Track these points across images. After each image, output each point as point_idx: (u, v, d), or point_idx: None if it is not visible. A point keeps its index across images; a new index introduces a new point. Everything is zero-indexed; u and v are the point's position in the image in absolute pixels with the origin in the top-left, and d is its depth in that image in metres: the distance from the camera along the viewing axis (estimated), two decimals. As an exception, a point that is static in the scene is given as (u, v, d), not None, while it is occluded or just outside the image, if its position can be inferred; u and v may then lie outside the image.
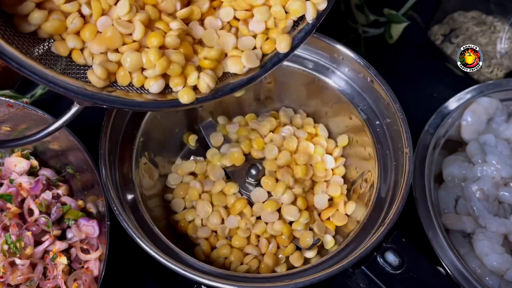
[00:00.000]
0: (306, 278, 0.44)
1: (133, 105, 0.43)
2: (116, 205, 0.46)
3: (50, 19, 0.41)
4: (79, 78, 0.42)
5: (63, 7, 0.41)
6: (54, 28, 0.41)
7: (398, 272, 0.45)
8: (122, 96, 0.42)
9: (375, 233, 0.47)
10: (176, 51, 0.43)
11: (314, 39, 0.53)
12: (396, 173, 0.51)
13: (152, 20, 0.43)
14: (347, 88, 0.56)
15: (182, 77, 0.43)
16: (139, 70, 0.43)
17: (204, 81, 0.43)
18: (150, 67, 0.42)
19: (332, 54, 0.55)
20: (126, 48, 0.42)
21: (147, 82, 0.43)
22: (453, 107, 0.61)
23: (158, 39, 0.42)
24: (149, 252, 0.44)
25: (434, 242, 0.52)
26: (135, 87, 0.44)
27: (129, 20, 0.42)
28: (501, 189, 0.56)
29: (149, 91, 0.44)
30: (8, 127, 0.58)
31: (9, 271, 0.51)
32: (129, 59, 0.42)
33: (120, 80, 0.43)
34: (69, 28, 0.41)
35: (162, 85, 0.43)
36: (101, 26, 0.42)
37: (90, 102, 0.41)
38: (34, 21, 0.40)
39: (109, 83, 0.43)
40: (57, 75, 0.40)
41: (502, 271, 0.52)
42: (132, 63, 0.42)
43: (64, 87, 0.40)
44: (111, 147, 0.50)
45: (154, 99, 0.43)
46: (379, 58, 0.72)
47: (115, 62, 0.42)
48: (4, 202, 0.55)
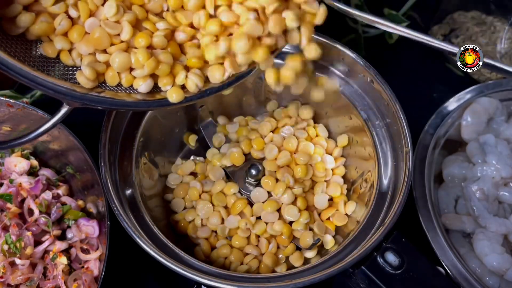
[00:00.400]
0: (306, 278, 0.44)
1: (122, 105, 0.43)
2: (116, 205, 0.47)
3: (37, 21, 0.41)
4: (68, 79, 0.42)
5: (50, 9, 0.41)
6: (42, 30, 0.41)
7: (398, 272, 0.45)
8: (111, 97, 0.43)
9: (375, 233, 0.47)
10: (164, 51, 0.43)
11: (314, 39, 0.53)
12: (396, 173, 0.51)
13: (139, 20, 0.43)
14: (347, 88, 0.56)
15: (170, 76, 0.43)
16: (127, 70, 0.43)
17: (192, 80, 0.43)
18: (138, 67, 0.42)
19: (332, 54, 0.55)
20: (114, 48, 0.42)
21: (135, 82, 0.43)
22: (453, 107, 0.61)
23: (145, 40, 0.42)
24: (149, 252, 0.44)
25: (434, 242, 0.52)
26: (124, 87, 0.44)
27: (117, 21, 0.42)
28: (501, 189, 0.56)
29: (138, 91, 0.44)
30: (8, 127, 0.58)
31: (9, 271, 0.51)
32: (117, 59, 0.42)
33: (109, 80, 0.43)
34: (57, 29, 0.42)
35: (151, 84, 0.44)
36: (89, 27, 0.42)
37: (80, 103, 0.41)
38: (22, 24, 0.40)
39: (98, 83, 0.43)
40: (45, 77, 0.40)
41: (502, 271, 0.52)
42: (120, 64, 0.42)
43: (53, 89, 0.40)
44: (111, 147, 0.50)
45: (143, 99, 0.44)
46: (379, 58, 0.72)
47: (104, 63, 0.43)
48: (4, 202, 0.55)
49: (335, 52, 0.54)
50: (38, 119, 0.54)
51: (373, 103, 0.55)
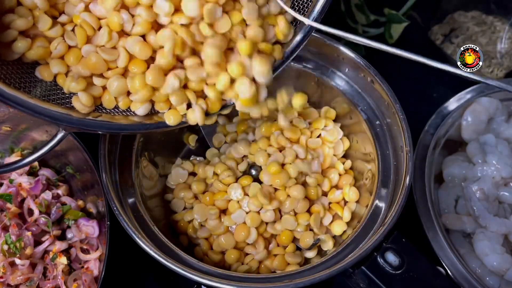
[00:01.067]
0: (306, 278, 0.44)
1: (119, 129, 0.43)
2: (116, 205, 0.47)
3: (34, 47, 0.40)
4: (63, 104, 0.42)
5: (47, 33, 0.41)
6: (39, 55, 0.41)
7: (398, 272, 0.45)
8: (108, 120, 0.42)
9: (375, 233, 0.47)
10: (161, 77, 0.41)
11: (314, 39, 0.53)
12: (396, 173, 0.51)
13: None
14: (347, 88, 0.56)
15: (167, 102, 0.43)
16: (124, 94, 0.43)
17: (194, 115, 0.43)
18: (135, 93, 0.42)
19: (332, 54, 0.55)
20: (111, 73, 0.42)
21: (133, 105, 0.43)
22: (453, 107, 0.61)
23: (141, 67, 0.41)
24: (149, 252, 0.44)
25: (434, 242, 0.52)
26: (120, 109, 0.44)
27: (114, 46, 0.42)
28: (501, 189, 0.56)
29: (135, 113, 0.44)
30: (8, 127, 0.58)
31: (9, 271, 0.51)
32: (115, 84, 0.41)
33: (105, 103, 0.43)
34: (53, 53, 0.41)
35: (149, 107, 0.43)
36: (86, 53, 0.41)
37: (76, 128, 0.41)
38: (18, 50, 0.40)
39: (95, 106, 0.43)
40: (40, 103, 0.40)
41: (502, 271, 0.52)
42: (117, 89, 0.42)
43: (48, 115, 0.40)
44: (111, 147, 0.50)
45: (140, 121, 0.44)
46: (379, 58, 0.72)
47: (100, 86, 0.42)
48: (4, 202, 0.55)
49: (335, 52, 0.54)
50: (38, 119, 0.54)
51: (373, 103, 0.54)
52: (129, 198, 0.50)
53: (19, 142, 0.59)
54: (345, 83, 0.56)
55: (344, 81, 0.56)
